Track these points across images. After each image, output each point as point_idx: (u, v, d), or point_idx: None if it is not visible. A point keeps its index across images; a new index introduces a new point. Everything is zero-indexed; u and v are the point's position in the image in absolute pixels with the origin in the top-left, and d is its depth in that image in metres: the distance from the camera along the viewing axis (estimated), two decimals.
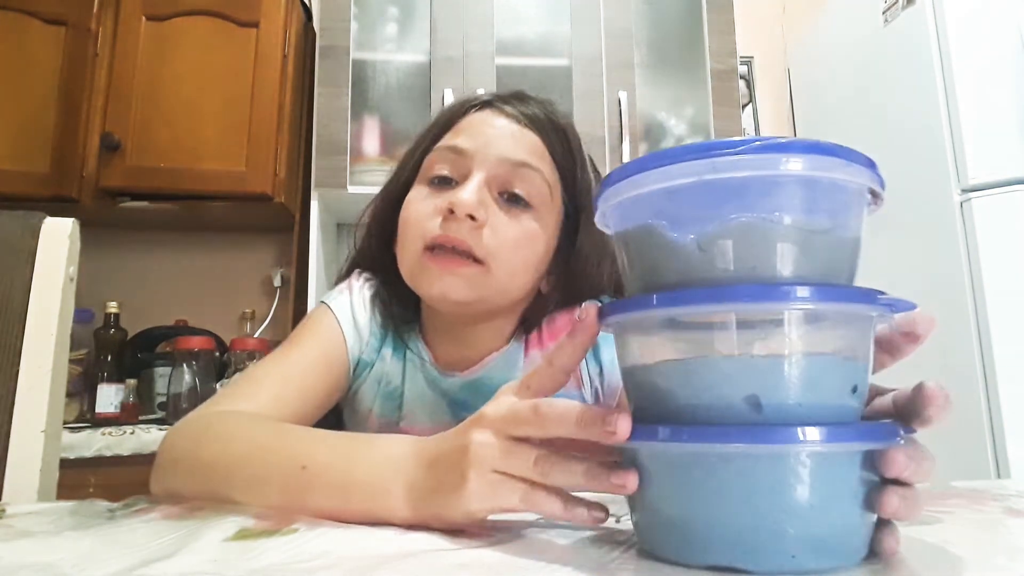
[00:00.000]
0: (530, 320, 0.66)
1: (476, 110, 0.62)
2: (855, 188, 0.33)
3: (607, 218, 0.37)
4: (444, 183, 0.59)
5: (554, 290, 0.64)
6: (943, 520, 0.41)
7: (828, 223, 0.32)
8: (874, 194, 0.34)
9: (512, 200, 0.58)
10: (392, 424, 0.65)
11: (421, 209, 0.58)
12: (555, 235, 0.62)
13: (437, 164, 0.59)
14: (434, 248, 0.57)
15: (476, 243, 0.56)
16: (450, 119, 0.62)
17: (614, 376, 0.65)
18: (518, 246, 0.58)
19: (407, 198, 0.60)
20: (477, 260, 0.56)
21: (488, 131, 0.59)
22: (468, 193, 0.55)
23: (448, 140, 0.60)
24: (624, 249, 0.36)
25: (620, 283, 0.62)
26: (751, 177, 0.31)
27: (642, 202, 0.34)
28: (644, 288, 0.35)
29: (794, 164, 0.31)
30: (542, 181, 0.59)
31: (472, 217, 0.55)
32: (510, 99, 0.62)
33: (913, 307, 0.33)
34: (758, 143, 0.31)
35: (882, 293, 0.31)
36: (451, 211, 0.55)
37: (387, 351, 0.65)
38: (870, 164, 0.33)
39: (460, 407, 0.63)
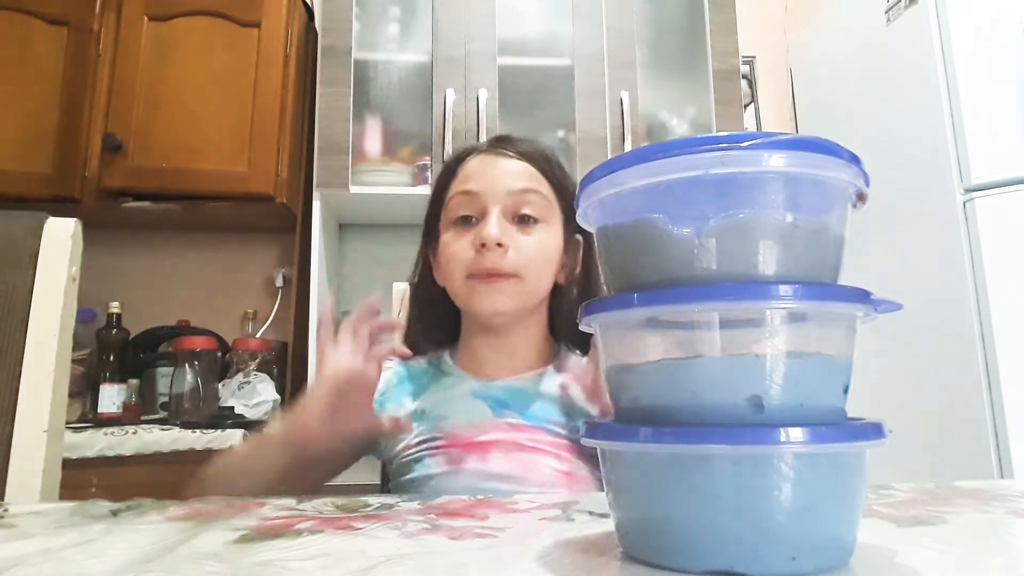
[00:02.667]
0: (557, 318, 0.79)
1: (475, 155, 0.77)
2: (841, 185, 0.33)
3: (588, 215, 0.37)
4: (466, 221, 0.74)
5: (570, 276, 0.78)
6: (948, 520, 0.41)
7: (819, 221, 0.32)
8: (859, 194, 0.34)
9: (523, 220, 0.73)
10: (438, 426, 0.73)
11: (457, 248, 0.73)
12: (562, 235, 0.76)
13: (457, 208, 0.74)
14: (475, 276, 0.71)
15: (508, 264, 0.71)
16: (456, 166, 0.78)
17: None
18: (538, 255, 0.73)
19: (442, 241, 0.75)
20: (512, 274, 0.71)
21: (491, 172, 0.74)
22: (492, 228, 0.70)
23: (460, 186, 0.75)
24: (605, 244, 0.36)
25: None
26: (749, 173, 0.31)
27: (628, 198, 0.34)
28: (629, 285, 0.35)
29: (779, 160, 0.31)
30: (542, 198, 0.75)
31: (499, 244, 0.70)
32: (500, 143, 0.78)
33: (899, 307, 0.33)
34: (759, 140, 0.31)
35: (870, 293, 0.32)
36: (483, 245, 0.70)
37: (407, 399, 0.76)
38: (854, 160, 0.33)
39: (500, 406, 0.73)
